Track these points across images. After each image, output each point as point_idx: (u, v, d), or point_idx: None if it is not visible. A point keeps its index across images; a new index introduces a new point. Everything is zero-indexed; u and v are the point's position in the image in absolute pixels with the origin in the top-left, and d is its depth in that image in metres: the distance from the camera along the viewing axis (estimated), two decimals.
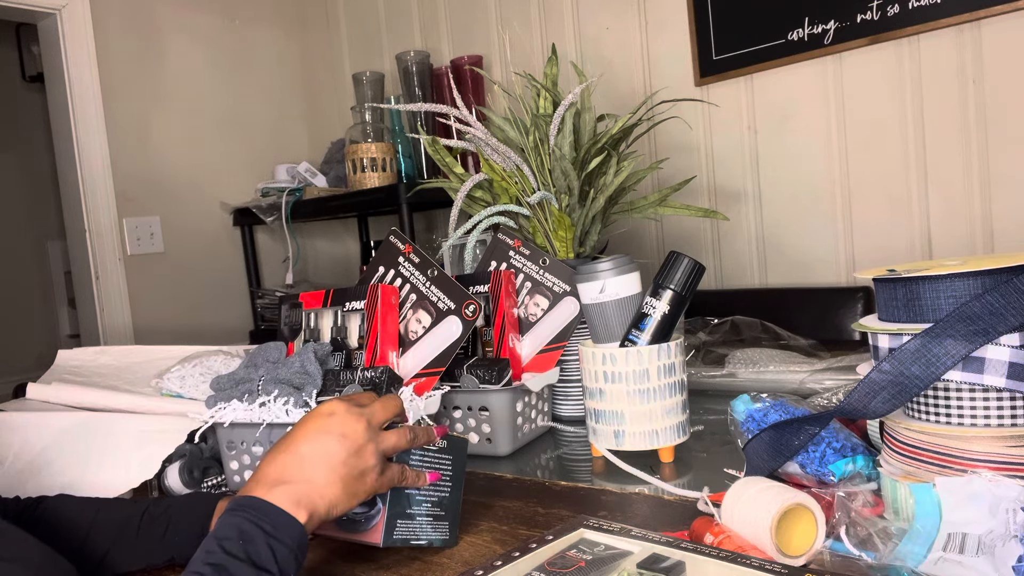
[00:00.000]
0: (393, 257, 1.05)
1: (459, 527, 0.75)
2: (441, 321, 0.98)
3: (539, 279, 1.12)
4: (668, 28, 2.11)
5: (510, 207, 1.20)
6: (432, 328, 0.98)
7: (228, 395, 0.93)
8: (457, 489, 0.74)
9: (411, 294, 1.02)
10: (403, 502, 0.69)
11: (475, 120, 1.20)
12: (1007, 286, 0.60)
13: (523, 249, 1.14)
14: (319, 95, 3.00)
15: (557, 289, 1.11)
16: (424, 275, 1.02)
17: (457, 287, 0.99)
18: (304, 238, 2.90)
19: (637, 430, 0.90)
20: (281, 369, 0.93)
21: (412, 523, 0.70)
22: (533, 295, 1.12)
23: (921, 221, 1.80)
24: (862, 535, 0.61)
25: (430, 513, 0.72)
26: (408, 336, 1.00)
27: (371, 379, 0.91)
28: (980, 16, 1.65)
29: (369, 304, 0.98)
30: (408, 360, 0.99)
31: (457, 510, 0.75)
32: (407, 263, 1.04)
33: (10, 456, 0.95)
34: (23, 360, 3.89)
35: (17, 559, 0.58)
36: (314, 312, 1.03)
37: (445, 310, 0.98)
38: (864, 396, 0.64)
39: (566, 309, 1.10)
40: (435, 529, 0.72)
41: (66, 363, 1.23)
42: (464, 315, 0.96)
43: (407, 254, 1.04)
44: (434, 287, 1.00)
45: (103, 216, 2.40)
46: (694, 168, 2.09)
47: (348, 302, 1.01)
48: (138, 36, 2.52)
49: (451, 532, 0.74)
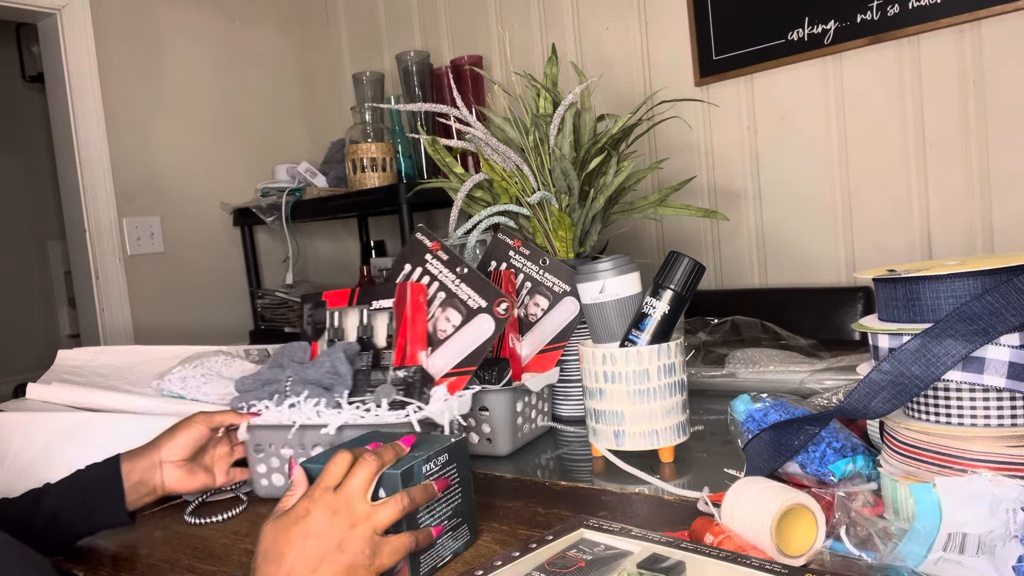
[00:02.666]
0: (420, 255, 1.02)
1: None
2: (472, 319, 0.96)
3: (539, 279, 1.12)
4: (668, 28, 2.11)
5: (510, 207, 1.20)
6: (462, 327, 0.96)
7: (254, 396, 0.91)
8: (467, 489, 0.74)
9: (439, 292, 0.99)
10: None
11: (475, 120, 1.20)
12: (1007, 286, 0.60)
13: (523, 249, 1.14)
14: (319, 95, 3.00)
15: (557, 289, 1.10)
16: (453, 272, 0.99)
17: (488, 284, 0.96)
18: (304, 238, 2.90)
19: (637, 430, 0.90)
20: (310, 369, 0.91)
21: (434, 548, 0.68)
22: (533, 295, 1.12)
23: (921, 221, 1.80)
24: (862, 535, 0.61)
25: (448, 528, 0.70)
26: (437, 335, 0.98)
27: (404, 379, 0.89)
28: (980, 16, 1.65)
29: (398, 303, 0.97)
30: (437, 359, 0.96)
31: (471, 506, 0.74)
32: (435, 260, 1.01)
33: (10, 456, 0.95)
34: (23, 360, 3.89)
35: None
36: (338, 311, 1.01)
37: (476, 308, 0.96)
38: (864, 396, 0.64)
39: (566, 309, 1.09)
40: (455, 539, 0.71)
41: (66, 363, 1.23)
42: (496, 313, 0.94)
43: (435, 251, 1.01)
44: (464, 285, 0.98)
45: (103, 216, 2.40)
46: (694, 168, 2.09)
47: (375, 300, 0.99)
48: (138, 36, 2.51)
49: (471, 530, 0.74)
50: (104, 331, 2.41)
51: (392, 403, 0.87)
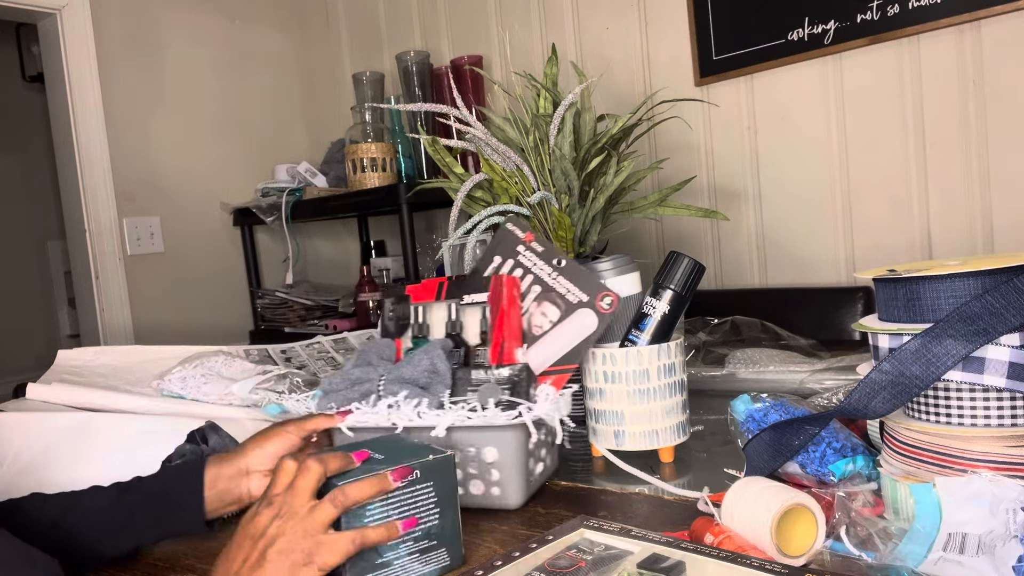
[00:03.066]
0: (511, 246, 0.96)
1: (463, 543, 0.70)
2: (571, 314, 0.90)
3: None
4: (668, 28, 2.11)
5: (510, 207, 1.20)
6: (560, 322, 0.90)
7: (343, 396, 0.86)
8: (451, 511, 0.68)
9: (534, 286, 0.93)
10: (369, 558, 0.64)
11: (475, 120, 1.20)
12: (1007, 286, 0.60)
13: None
14: (319, 95, 3.00)
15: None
16: (550, 265, 0.93)
17: (590, 277, 0.91)
18: (304, 238, 2.90)
19: (637, 430, 0.90)
20: (404, 368, 0.86)
21: (389, 570, 0.65)
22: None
23: (921, 221, 1.80)
24: (862, 535, 0.61)
25: (415, 550, 0.66)
26: (532, 331, 0.92)
27: (509, 377, 0.84)
28: (980, 16, 1.65)
29: (493, 297, 0.91)
30: (532, 356, 0.91)
31: (456, 529, 0.69)
32: (528, 252, 0.95)
33: (10, 456, 0.95)
34: (23, 360, 3.89)
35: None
36: (423, 306, 0.96)
37: (576, 303, 0.90)
38: (864, 396, 0.64)
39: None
40: (425, 563, 0.67)
41: (66, 363, 1.23)
42: (599, 308, 0.89)
43: (528, 243, 0.95)
44: (562, 277, 0.92)
45: (103, 216, 2.40)
46: (694, 168, 2.09)
47: (467, 295, 0.93)
48: (138, 36, 2.51)
49: (452, 555, 0.68)
50: (104, 331, 2.41)
51: (499, 403, 0.82)
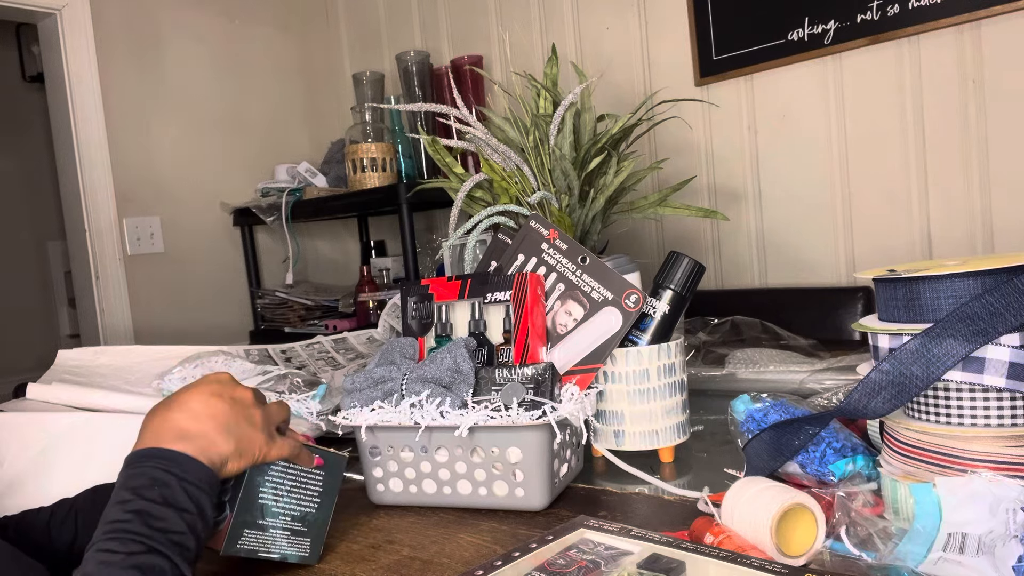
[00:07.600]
0: (535, 244, 0.95)
1: (324, 544, 0.73)
2: (596, 313, 0.90)
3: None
4: (668, 28, 2.11)
5: (510, 207, 1.20)
6: (585, 320, 0.90)
7: (368, 396, 0.86)
8: (327, 507, 0.72)
9: (558, 283, 0.93)
10: (255, 512, 0.67)
11: (475, 120, 1.20)
12: (1007, 286, 0.60)
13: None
14: (319, 95, 3.00)
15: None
16: (574, 263, 0.93)
17: (615, 275, 0.90)
18: (304, 238, 2.90)
19: (637, 430, 0.90)
20: (427, 367, 0.85)
21: (264, 535, 0.68)
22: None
23: (921, 221, 1.80)
24: (862, 535, 0.61)
25: (288, 527, 0.70)
26: (556, 330, 0.91)
27: (533, 376, 0.83)
28: (980, 16, 1.65)
29: (516, 295, 0.90)
30: (556, 355, 0.91)
31: (323, 528, 0.73)
32: (552, 250, 0.94)
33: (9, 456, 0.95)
34: (23, 360, 3.89)
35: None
36: (446, 304, 0.95)
37: (601, 301, 0.90)
38: (864, 396, 0.64)
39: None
40: (292, 544, 0.70)
41: (66, 363, 1.22)
42: (624, 306, 0.88)
43: (552, 240, 0.94)
44: (587, 276, 0.91)
45: (103, 216, 2.40)
46: (694, 168, 2.09)
47: (490, 293, 0.93)
48: (138, 36, 2.52)
49: (312, 550, 0.72)
50: (104, 331, 2.41)
51: (522, 403, 0.82)
